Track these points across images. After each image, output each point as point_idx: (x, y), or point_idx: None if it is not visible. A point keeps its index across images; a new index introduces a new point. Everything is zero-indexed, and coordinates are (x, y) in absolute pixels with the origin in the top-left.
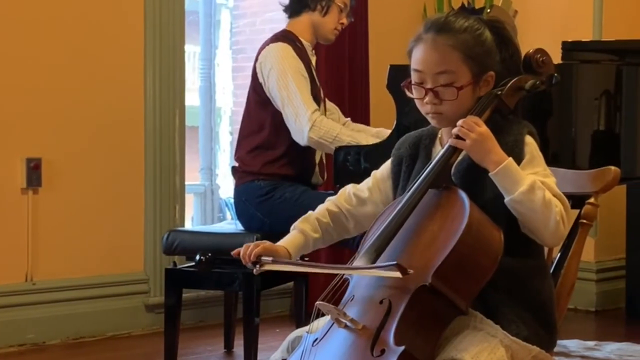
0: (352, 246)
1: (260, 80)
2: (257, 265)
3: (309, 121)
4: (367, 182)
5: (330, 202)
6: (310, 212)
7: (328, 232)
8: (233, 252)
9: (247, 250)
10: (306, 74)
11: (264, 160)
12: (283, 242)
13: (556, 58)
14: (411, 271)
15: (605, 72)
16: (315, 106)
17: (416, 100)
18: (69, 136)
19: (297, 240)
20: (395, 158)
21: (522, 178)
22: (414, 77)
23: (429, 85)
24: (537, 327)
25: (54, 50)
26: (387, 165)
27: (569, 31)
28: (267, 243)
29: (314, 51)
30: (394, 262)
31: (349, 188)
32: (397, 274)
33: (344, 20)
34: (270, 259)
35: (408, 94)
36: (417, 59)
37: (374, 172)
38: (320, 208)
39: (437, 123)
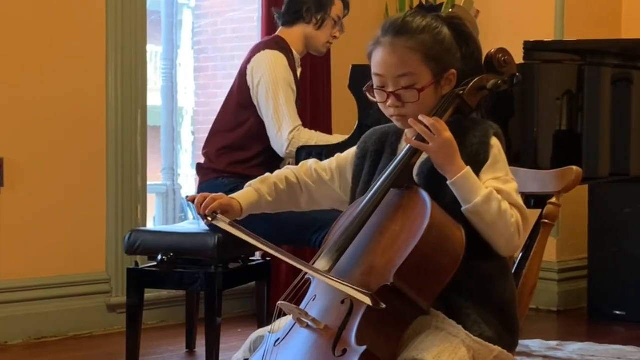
0: (314, 245)
1: (249, 83)
2: (209, 218)
3: (288, 137)
4: (331, 163)
5: (289, 171)
6: (268, 174)
7: (281, 199)
8: (188, 197)
9: (204, 202)
10: (295, 87)
11: (231, 160)
12: (237, 197)
13: (518, 58)
14: (383, 306)
15: (567, 72)
16: (298, 122)
17: (379, 104)
18: (30, 136)
19: (252, 197)
20: (360, 150)
21: (479, 188)
22: (375, 81)
23: (390, 89)
24: (499, 327)
25: (14, 49)
26: (351, 153)
27: (530, 31)
28: (224, 198)
29: (300, 62)
30: (369, 292)
31: (312, 162)
32: (367, 301)
33: (337, 34)
34: (228, 220)
35: (370, 98)
36: (377, 62)
37: (337, 155)
38: (279, 174)
39: (402, 125)
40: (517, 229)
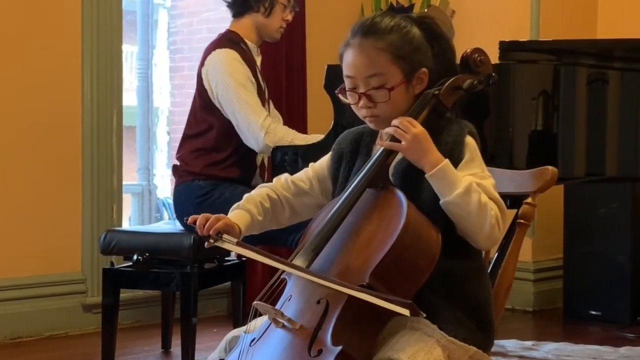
0: (290, 245)
1: (206, 86)
2: (211, 240)
3: (262, 128)
4: (306, 173)
5: (267, 189)
6: (251, 193)
7: (267, 218)
8: (189, 220)
9: (207, 223)
10: (253, 79)
11: (206, 162)
12: (234, 219)
13: (494, 58)
14: (373, 299)
15: (543, 72)
16: (265, 112)
17: (352, 106)
18: (5, 135)
19: (246, 219)
20: (336, 153)
21: (458, 180)
22: (346, 82)
23: (361, 90)
24: (475, 327)
25: None
26: (326, 159)
27: (506, 31)
28: (226, 218)
29: (259, 50)
30: (362, 283)
31: (286, 176)
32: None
33: (289, 17)
34: (235, 240)
35: (343, 99)
36: (347, 64)
37: (311, 164)
38: (260, 192)
39: (376, 126)
40: (497, 221)
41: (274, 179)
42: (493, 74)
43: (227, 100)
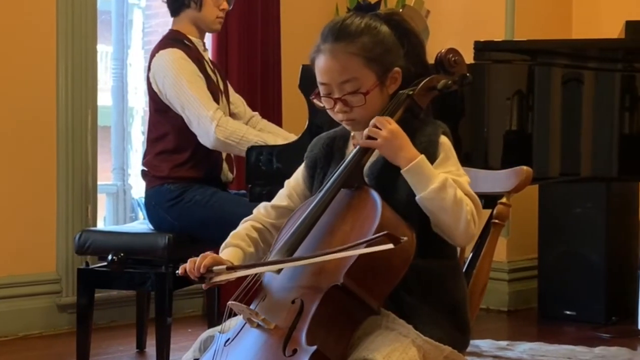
0: None
1: (155, 89)
2: (207, 279)
3: (212, 120)
4: (282, 193)
5: (250, 222)
6: (236, 230)
7: (257, 247)
8: (179, 271)
9: (194, 265)
10: (201, 75)
11: (171, 164)
12: (226, 257)
13: (468, 58)
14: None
15: (518, 72)
16: (215, 105)
17: (328, 110)
18: None
19: (237, 254)
20: (309, 160)
21: (434, 175)
22: (320, 88)
23: (336, 95)
24: (451, 327)
25: None
26: (300, 170)
27: (481, 31)
28: (213, 254)
29: (204, 44)
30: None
31: (264, 204)
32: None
33: (224, 5)
34: (224, 266)
35: (318, 104)
36: (320, 70)
37: (286, 182)
38: (244, 227)
39: (353, 129)
40: (472, 217)
41: (254, 211)
42: (467, 74)
43: (175, 99)
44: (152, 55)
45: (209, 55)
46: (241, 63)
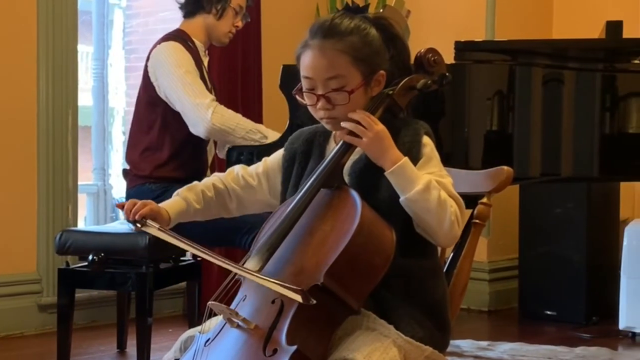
0: (244, 246)
1: (152, 79)
2: (138, 225)
3: (208, 107)
4: (257, 168)
5: (216, 178)
6: (196, 182)
7: (209, 206)
8: (117, 204)
9: (133, 208)
10: (197, 70)
11: (154, 164)
12: (165, 205)
13: (449, 58)
14: (313, 301)
15: (498, 72)
16: (211, 94)
17: (309, 106)
18: None
19: (179, 206)
20: (288, 152)
21: (418, 177)
22: (304, 83)
23: (320, 92)
24: (432, 327)
25: None
26: (278, 156)
27: (462, 31)
28: (153, 204)
29: (206, 52)
30: (299, 289)
31: (238, 168)
32: (298, 298)
33: (239, 23)
34: (157, 225)
35: (300, 100)
36: (306, 65)
37: (265, 158)
38: (206, 181)
39: (332, 127)
40: (456, 218)
41: (228, 170)
42: (447, 74)
43: (172, 88)
44: (154, 47)
45: (207, 61)
46: (222, 63)
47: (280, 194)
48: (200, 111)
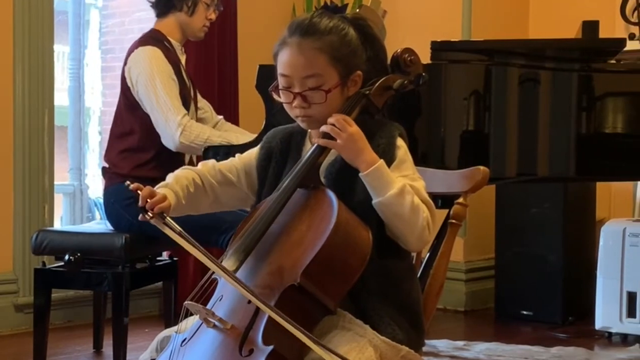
0: (221, 246)
1: (129, 84)
2: (149, 215)
3: (178, 126)
4: (234, 163)
5: (194, 173)
6: (178, 174)
7: (189, 203)
8: (132, 186)
9: (151, 198)
10: (175, 77)
11: (134, 163)
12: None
13: (425, 58)
14: (285, 323)
15: (474, 72)
16: (184, 111)
17: (285, 104)
18: None
19: (175, 202)
20: (265, 150)
21: (393, 181)
22: (281, 81)
23: (296, 90)
24: (408, 327)
25: None
26: (254, 153)
27: (438, 31)
28: (169, 200)
29: (183, 49)
30: (273, 307)
31: (213, 162)
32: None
33: (212, 16)
34: (179, 229)
35: (276, 98)
36: (284, 63)
37: (238, 155)
38: (186, 176)
39: (307, 126)
40: (428, 224)
41: (200, 164)
42: (423, 74)
43: (146, 96)
44: (131, 51)
45: (185, 58)
46: (198, 62)
47: (256, 192)
48: (170, 129)
